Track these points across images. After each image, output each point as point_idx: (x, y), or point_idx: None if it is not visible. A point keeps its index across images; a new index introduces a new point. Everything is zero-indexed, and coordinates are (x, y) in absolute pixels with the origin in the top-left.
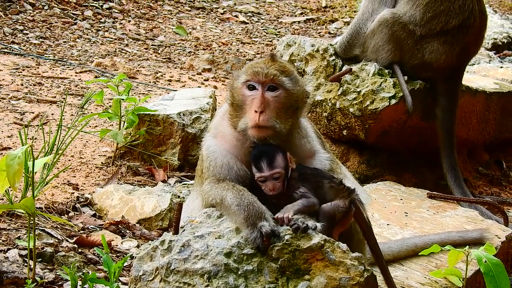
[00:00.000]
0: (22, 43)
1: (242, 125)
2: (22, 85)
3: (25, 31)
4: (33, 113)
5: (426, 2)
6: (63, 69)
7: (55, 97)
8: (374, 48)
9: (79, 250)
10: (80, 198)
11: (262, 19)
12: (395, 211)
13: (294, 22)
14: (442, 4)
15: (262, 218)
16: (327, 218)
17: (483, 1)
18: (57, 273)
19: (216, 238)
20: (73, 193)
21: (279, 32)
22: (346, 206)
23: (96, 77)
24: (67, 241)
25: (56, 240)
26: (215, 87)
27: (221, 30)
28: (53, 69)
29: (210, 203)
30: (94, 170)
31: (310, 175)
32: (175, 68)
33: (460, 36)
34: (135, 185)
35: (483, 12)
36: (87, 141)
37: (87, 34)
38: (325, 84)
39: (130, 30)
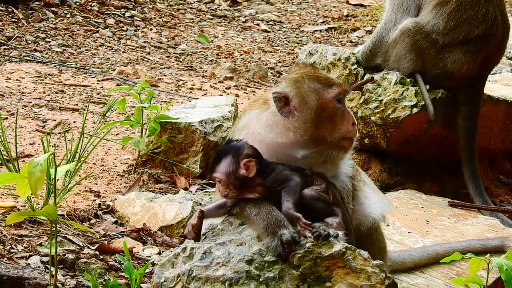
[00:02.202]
0: (44, 51)
1: (335, 136)
2: (44, 92)
3: (47, 39)
4: (55, 120)
5: (450, 11)
6: (85, 77)
7: (77, 105)
8: (396, 57)
9: (101, 257)
10: (101, 205)
11: (284, 27)
12: (416, 219)
13: (316, 30)
14: (466, 13)
15: (282, 226)
16: (314, 201)
17: (506, 11)
18: (79, 280)
19: (237, 245)
20: (94, 200)
21: (300, 40)
22: (323, 188)
23: (118, 85)
24: (89, 248)
25: (78, 247)
26: (237, 95)
27: (242, 39)
28: (75, 77)
29: (231, 213)
30: (116, 177)
31: (279, 174)
32: (197, 76)
33: (483, 46)
34: (156, 193)
35: (505, 22)
36: (109, 149)
37: (109, 42)
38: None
39: (152, 38)
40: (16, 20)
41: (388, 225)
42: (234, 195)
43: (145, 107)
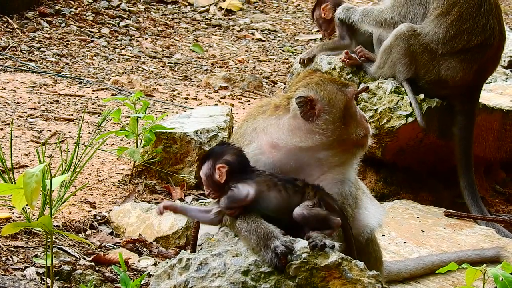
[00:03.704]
0: (39, 60)
1: (360, 133)
2: (39, 103)
3: (42, 49)
4: (50, 131)
5: (451, 20)
6: (80, 86)
7: (72, 115)
8: (391, 63)
9: (97, 268)
10: (97, 216)
11: (279, 36)
12: (412, 229)
13: (311, 39)
14: (466, 23)
15: (273, 237)
16: (306, 221)
17: (503, 22)
18: None
19: (233, 256)
20: (90, 211)
21: (295, 49)
22: (315, 203)
23: (113, 95)
24: (85, 259)
25: (74, 258)
26: (232, 105)
27: (237, 48)
28: (70, 87)
29: (224, 224)
30: (111, 188)
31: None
32: (192, 86)
33: (479, 55)
34: (152, 203)
35: (502, 33)
36: (104, 159)
37: (104, 52)
38: None
39: (146, 48)
40: (11, 30)
41: (384, 235)
42: (215, 196)
43: (140, 117)
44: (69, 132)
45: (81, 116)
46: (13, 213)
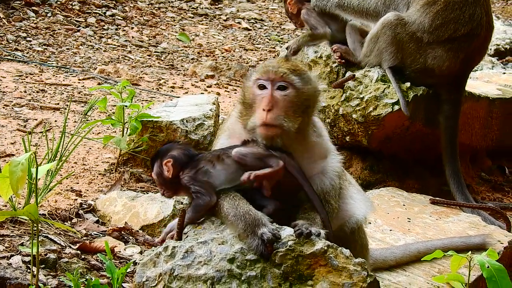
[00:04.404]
0: (25, 50)
1: (251, 123)
2: (25, 92)
3: (28, 38)
4: (36, 120)
5: (437, 10)
6: (66, 76)
7: (58, 104)
8: (378, 52)
9: (82, 257)
10: (83, 205)
11: (265, 25)
12: (398, 217)
13: (297, 28)
14: (453, 13)
15: (260, 224)
16: (244, 159)
17: (491, 12)
18: (60, 280)
19: (219, 244)
20: (76, 199)
21: (282, 38)
22: (263, 149)
23: (99, 84)
24: (70, 247)
25: (59, 247)
26: (218, 93)
27: (224, 37)
28: (56, 76)
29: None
30: (97, 176)
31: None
32: (178, 74)
33: (466, 45)
34: (138, 192)
35: (490, 23)
36: (90, 148)
37: (90, 41)
38: (328, 90)
39: (133, 37)
40: None
41: (370, 223)
42: (169, 194)
43: (126, 106)
44: (55, 121)
45: (67, 105)
46: None
